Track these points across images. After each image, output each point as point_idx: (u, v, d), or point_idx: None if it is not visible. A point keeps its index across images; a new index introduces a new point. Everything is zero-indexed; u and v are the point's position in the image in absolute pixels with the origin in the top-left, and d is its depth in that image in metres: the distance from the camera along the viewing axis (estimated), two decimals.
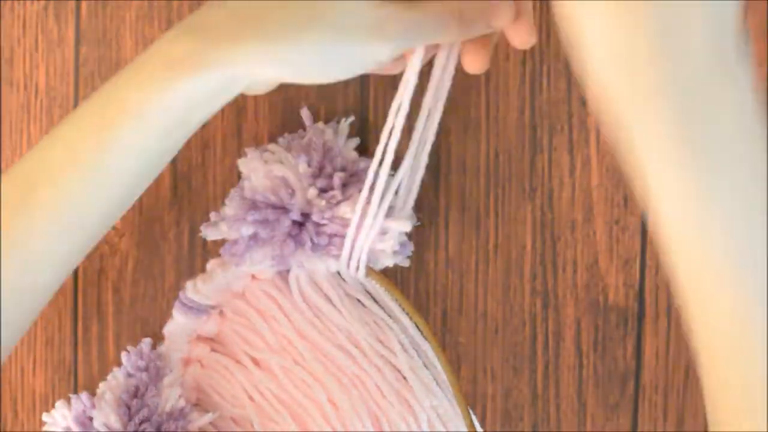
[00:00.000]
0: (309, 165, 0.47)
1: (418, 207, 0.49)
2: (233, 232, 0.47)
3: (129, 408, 0.49)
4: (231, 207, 0.48)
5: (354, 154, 0.49)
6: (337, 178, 0.47)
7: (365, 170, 0.47)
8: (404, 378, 0.49)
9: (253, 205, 0.47)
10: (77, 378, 0.54)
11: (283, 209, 0.47)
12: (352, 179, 0.48)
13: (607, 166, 0.49)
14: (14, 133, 0.54)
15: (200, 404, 0.52)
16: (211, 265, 0.51)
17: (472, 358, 0.50)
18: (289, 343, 0.50)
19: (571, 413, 0.50)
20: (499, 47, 0.49)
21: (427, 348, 0.49)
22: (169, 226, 0.53)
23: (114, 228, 0.53)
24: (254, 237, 0.47)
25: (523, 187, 0.50)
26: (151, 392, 0.49)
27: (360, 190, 0.46)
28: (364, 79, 0.50)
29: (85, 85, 0.53)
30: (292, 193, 0.47)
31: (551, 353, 0.50)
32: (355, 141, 0.49)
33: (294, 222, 0.47)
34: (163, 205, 0.53)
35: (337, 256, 0.47)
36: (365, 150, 0.50)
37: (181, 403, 0.50)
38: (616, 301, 0.50)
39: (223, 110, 0.52)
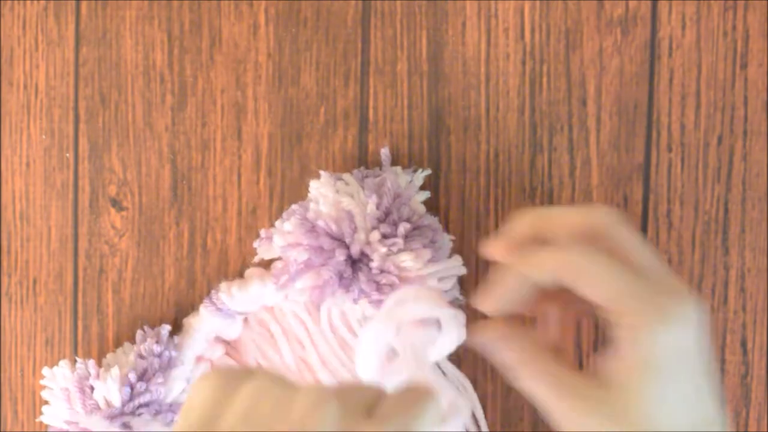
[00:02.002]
0: (377, 207, 0.46)
1: None
2: (288, 254, 0.46)
3: (132, 388, 0.49)
4: (290, 224, 0.47)
5: (422, 208, 0.48)
6: (402, 228, 0.46)
7: (429, 227, 0.47)
8: None
9: (312, 230, 0.46)
10: None
11: (341, 243, 0.46)
12: (415, 233, 0.47)
13: (607, 166, 0.49)
14: (14, 133, 0.54)
15: None
16: (250, 272, 0.51)
17: (472, 358, 0.50)
18: (308, 367, 0.50)
19: None
20: (498, 47, 0.49)
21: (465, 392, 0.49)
22: (169, 226, 0.53)
23: (114, 228, 0.53)
24: (306, 262, 0.46)
25: (523, 187, 0.50)
26: (158, 379, 0.49)
27: (423, 245, 0.46)
28: (364, 79, 0.50)
29: (85, 85, 0.53)
30: (355, 230, 0.46)
31: None
32: (425, 194, 0.49)
33: (347, 260, 0.46)
34: (163, 205, 0.53)
35: (377, 302, 0.46)
36: (366, 151, 0.50)
37: (183, 398, 0.50)
38: None
39: (223, 110, 0.52)
